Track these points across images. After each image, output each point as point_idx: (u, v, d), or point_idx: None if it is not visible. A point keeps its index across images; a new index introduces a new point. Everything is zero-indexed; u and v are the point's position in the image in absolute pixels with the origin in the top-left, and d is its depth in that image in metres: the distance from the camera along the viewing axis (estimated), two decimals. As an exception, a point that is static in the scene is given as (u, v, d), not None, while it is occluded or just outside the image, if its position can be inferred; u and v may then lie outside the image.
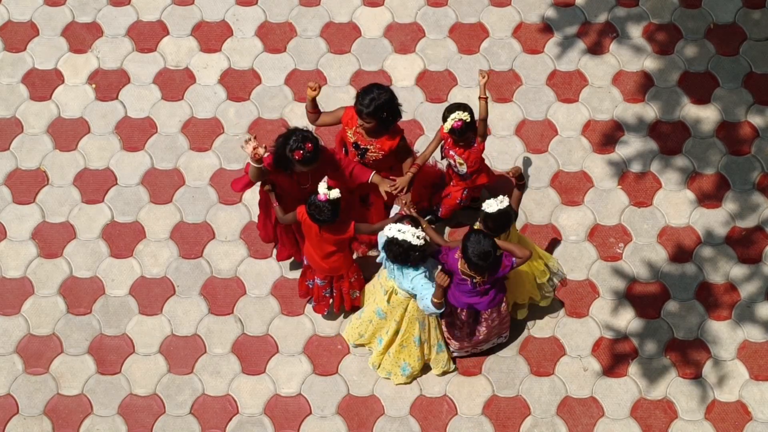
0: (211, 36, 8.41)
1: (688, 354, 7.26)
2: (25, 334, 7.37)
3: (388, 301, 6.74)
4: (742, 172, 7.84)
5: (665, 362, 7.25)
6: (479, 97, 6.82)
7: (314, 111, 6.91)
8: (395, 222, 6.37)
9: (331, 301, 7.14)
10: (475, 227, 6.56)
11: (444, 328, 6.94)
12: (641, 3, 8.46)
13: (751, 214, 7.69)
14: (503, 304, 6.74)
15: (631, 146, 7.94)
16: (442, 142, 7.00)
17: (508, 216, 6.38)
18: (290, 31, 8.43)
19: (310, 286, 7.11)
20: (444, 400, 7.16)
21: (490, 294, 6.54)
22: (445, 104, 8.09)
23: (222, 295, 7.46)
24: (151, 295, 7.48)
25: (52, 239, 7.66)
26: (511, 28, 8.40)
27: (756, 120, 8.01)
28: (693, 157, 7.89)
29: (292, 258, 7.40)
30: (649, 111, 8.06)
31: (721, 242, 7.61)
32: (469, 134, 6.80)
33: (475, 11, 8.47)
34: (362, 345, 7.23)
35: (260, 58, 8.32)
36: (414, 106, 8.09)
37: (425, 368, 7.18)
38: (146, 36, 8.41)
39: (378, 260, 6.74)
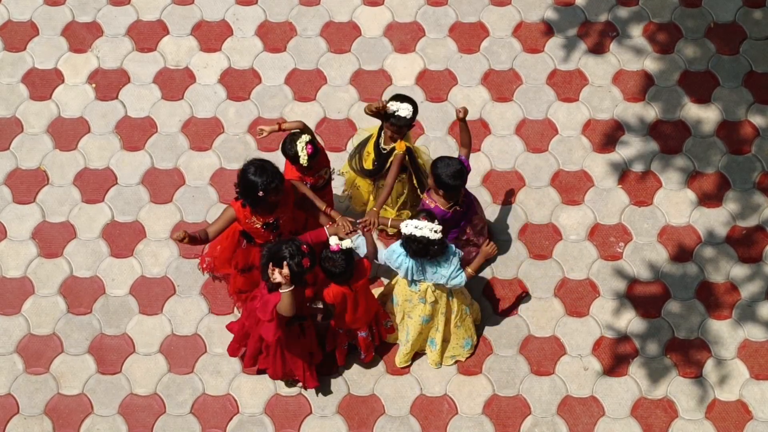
0: (211, 35, 8.41)
1: (689, 353, 7.26)
2: (25, 334, 7.37)
3: (431, 302, 6.78)
4: (743, 171, 7.83)
5: (666, 362, 7.25)
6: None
7: (199, 240, 6.60)
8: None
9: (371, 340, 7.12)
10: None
11: None
12: (641, 2, 8.45)
13: (752, 214, 7.69)
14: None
15: (632, 146, 7.94)
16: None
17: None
18: (290, 31, 8.43)
19: (354, 344, 7.04)
20: (444, 400, 7.16)
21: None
22: (445, 104, 8.10)
23: (222, 295, 7.45)
24: (152, 294, 7.47)
25: (52, 239, 7.65)
26: (512, 28, 8.40)
27: (756, 119, 8.01)
28: (693, 157, 7.89)
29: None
30: (650, 110, 8.06)
31: (722, 242, 7.60)
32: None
33: (476, 10, 8.46)
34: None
35: (260, 58, 8.31)
36: (414, 105, 8.09)
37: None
38: (146, 35, 8.41)
39: (402, 275, 6.67)
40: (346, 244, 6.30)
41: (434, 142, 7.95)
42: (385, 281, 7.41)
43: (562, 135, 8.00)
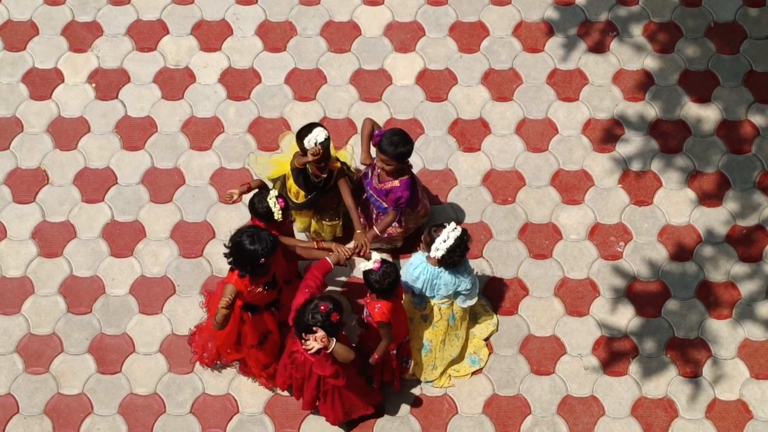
0: (211, 35, 8.41)
1: (689, 353, 7.26)
2: (25, 334, 7.37)
3: (437, 320, 6.84)
4: (743, 170, 7.83)
5: (666, 361, 7.25)
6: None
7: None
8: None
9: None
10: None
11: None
12: (642, 1, 8.45)
13: (752, 213, 7.69)
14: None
15: (632, 145, 7.94)
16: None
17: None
18: (290, 30, 8.42)
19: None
20: (444, 399, 7.15)
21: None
22: (445, 103, 8.10)
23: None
24: (152, 294, 7.47)
25: (52, 238, 7.65)
26: (512, 27, 8.40)
27: (756, 119, 8.00)
28: (693, 156, 7.89)
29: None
30: (650, 110, 8.06)
31: (722, 241, 7.60)
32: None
33: (476, 10, 8.46)
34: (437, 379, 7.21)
35: (260, 57, 8.31)
36: (414, 105, 8.08)
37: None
38: (146, 35, 8.41)
39: (417, 288, 6.70)
40: (376, 257, 6.33)
41: (434, 142, 7.95)
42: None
43: (563, 134, 7.99)
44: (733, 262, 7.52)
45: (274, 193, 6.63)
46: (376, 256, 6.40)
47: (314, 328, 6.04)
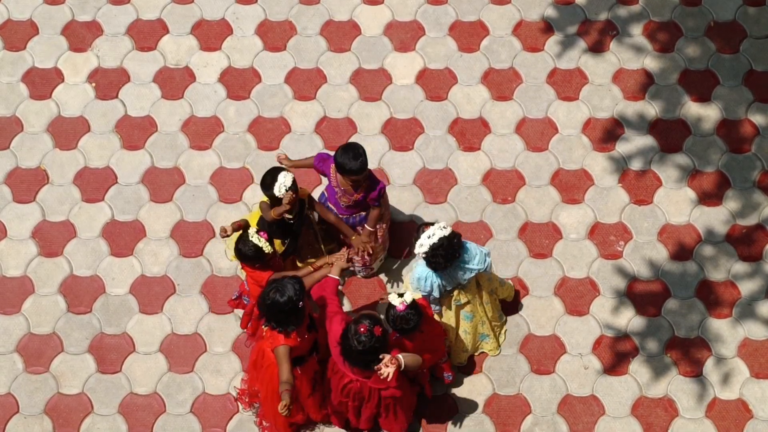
0: (211, 34, 8.40)
1: (689, 352, 7.26)
2: (25, 333, 7.36)
3: (464, 302, 6.79)
4: (743, 170, 7.83)
5: (666, 360, 7.25)
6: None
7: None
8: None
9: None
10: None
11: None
12: (642, 1, 8.45)
13: (752, 212, 7.69)
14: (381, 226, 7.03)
15: (632, 144, 7.94)
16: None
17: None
18: (290, 30, 8.42)
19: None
20: (444, 399, 7.15)
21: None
22: (445, 102, 8.10)
23: (222, 294, 7.45)
24: (152, 293, 7.47)
25: (52, 238, 7.65)
26: (512, 26, 8.40)
27: (756, 118, 8.00)
28: (693, 155, 7.89)
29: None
30: (650, 109, 8.06)
31: (722, 240, 7.60)
32: None
33: (475, 9, 8.46)
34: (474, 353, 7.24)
35: (260, 57, 8.31)
36: (414, 104, 8.08)
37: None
38: (146, 34, 8.40)
39: (436, 294, 6.62)
40: (408, 298, 6.18)
41: (434, 141, 7.95)
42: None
43: (562, 134, 7.99)
44: (733, 262, 7.52)
45: (252, 230, 6.46)
46: (408, 296, 6.20)
47: (381, 357, 5.92)
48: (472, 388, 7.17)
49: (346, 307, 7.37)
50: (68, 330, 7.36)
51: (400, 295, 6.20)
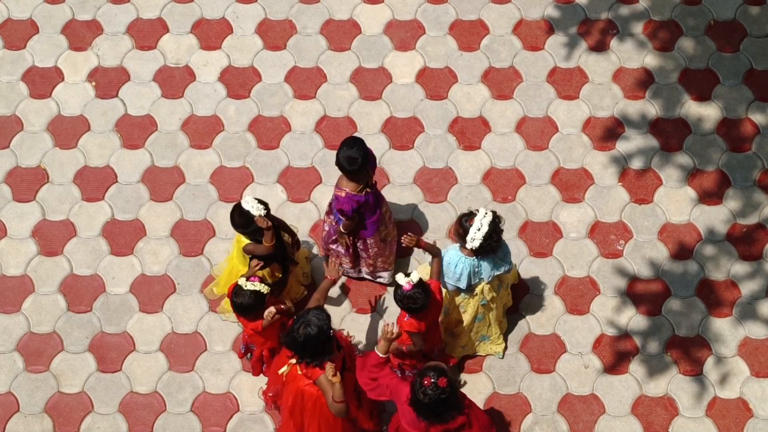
0: (211, 33, 8.40)
1: (689, 351, 7.26)
2: (25, 332, 7.37)
3: (489, 299, 6.79)
4: (743, 169, 7.83)
5: (666, 359, 7.25)
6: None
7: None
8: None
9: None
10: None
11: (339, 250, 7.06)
12: (641, 0, 8.45)
13: (752, 212, 7.69)
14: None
15: (632, 143, 7.93)
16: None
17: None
18: (290, 29, 8.42)
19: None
20: (445, 398, 7.15)
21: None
22: (445, 101, 8.10)
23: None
24: (152, 292, 7.47)
25: (52, 237, 7.65)
26: (512, 25, 8.40)
27: (757, 117, 8.00)
28: (694, 154, 7.89)
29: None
30: (650, 108, 8.06)
31: (722, 239, 7.60)
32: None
33: (476, 8, 8.46)
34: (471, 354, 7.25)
35: (260, 56, 8.31)
36: (414, 103, 8.08)
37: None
38: (146, 33, 8.40)
39: (464, 284, 6.60)
40: (414, 277, 6.20)
41: (434, 140, 7.95)
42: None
43: (563, 133, 7.99)
44: (733, 261, 7.52)
45: (242, 281, 6.42)
46: (414, 276, 6.21)
47: (440, 377, 5.78)
48: (472, 387, 7.17)
49: (346, 307, 7.38)
50: (68, 329, 7.36)
51: (407, 275, 6.22)
